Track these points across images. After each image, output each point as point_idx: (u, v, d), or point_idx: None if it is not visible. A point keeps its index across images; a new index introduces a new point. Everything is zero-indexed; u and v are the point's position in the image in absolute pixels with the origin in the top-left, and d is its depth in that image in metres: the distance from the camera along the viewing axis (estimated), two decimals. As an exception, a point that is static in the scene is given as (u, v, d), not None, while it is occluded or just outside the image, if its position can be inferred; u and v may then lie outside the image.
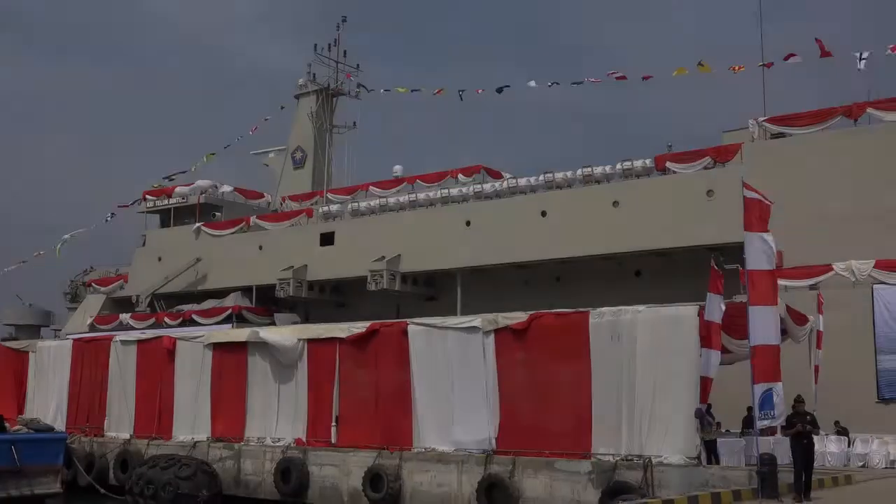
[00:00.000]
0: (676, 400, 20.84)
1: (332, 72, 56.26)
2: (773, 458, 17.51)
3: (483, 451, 23.16)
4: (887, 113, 31.86)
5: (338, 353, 26.90)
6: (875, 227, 30.31)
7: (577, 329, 22.68)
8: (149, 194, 56.18)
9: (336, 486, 25.27)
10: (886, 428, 26.66)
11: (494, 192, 41.43)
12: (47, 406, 33.82)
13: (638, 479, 20.14)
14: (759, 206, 19.56)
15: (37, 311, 66.27)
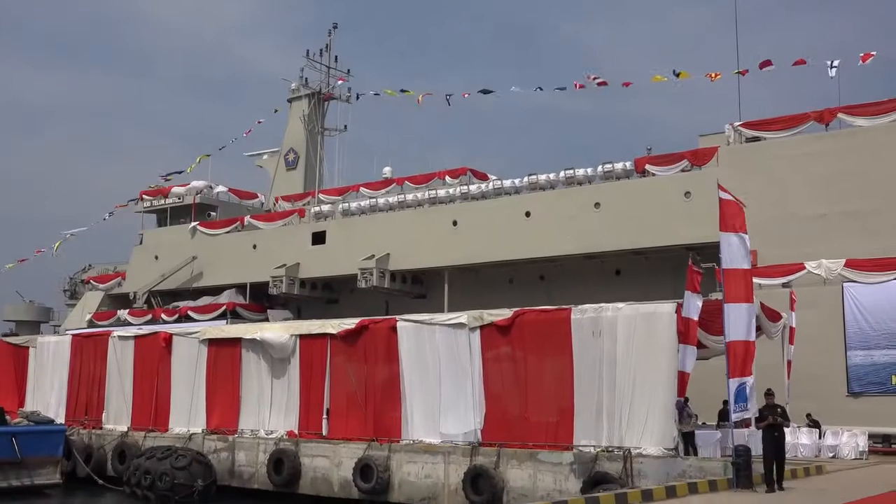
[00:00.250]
0: (654, 394, 20.91)
1: (324, 76, 56.30)
2: (747, 450, 17.58)
3: (469, 443, 23.16)
4: (857, 118, 32.06)
5: (329, 348, 26.88)
6: (845, 228, 30.51)
7: (559, 325, 22.71)
8: (146, 194, 56.07)
9: (327, 477, 25.24)
10: (856, 420, 26.82)
11: (480, 194, 41.48)
12: (47, 399, 33.70)
13: (618, 469, 20.21)
14: (734, 207, 19.65)
15: (37, 308, 66.15)
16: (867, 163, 30.99)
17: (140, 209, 56.22)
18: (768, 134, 33.82)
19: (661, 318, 21.18)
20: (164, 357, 30.54)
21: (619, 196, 36.43)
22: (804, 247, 30.42)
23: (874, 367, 28.70)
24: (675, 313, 20.85)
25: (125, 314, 49.28)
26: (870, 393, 28.61)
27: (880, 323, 28.70)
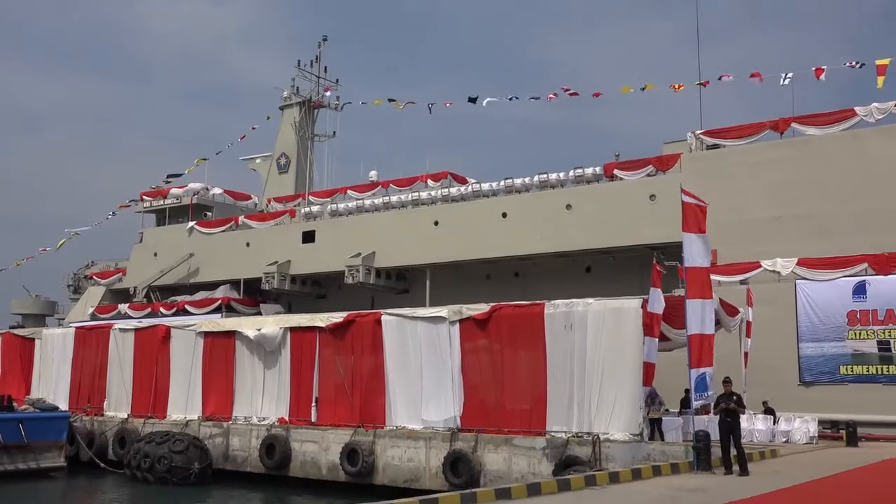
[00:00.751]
0: (621, 383, 21.03)
1: (314, 86, 56.14)
2: (707, 435, 17.69)
3: (449, 429, 23.21)
4: (809, 128, 32.24)
5: (318, 340, 26.85)
6: (798, 229, 30.71)
7: (533, 319, 22.79)
8: (146, 195, 55.75)
9: (316, 461, 25.20)
10: (807, 408, 27.01)
11: (460, 196, 41.48)
12: (52, 388, 33.50)
13: (587, 453, 20.31)
14: (696, 209, 19.76)
15: (42, 302, 65.63)
16: (819, 169, 31.19)
17: (140, 209, 55.86)
18: (727, 142, 33.98)
19: (628, 313, 21.31)
20: (163, 348, 30.44)
21: (589, 199, 36.50)
22: (760, 247, 30.60)
23: (824, 358, 28.90)
24: (640, 308, 20.98)
25: (126, 308, 48.93)
26: (820, 382, 28.82)
27: (829, 317, 28.92)
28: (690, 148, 34.73)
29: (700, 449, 17.41)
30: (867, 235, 29.39)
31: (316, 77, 56.06)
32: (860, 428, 25.52)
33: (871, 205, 29.99)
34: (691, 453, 17.74)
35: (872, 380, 28.12)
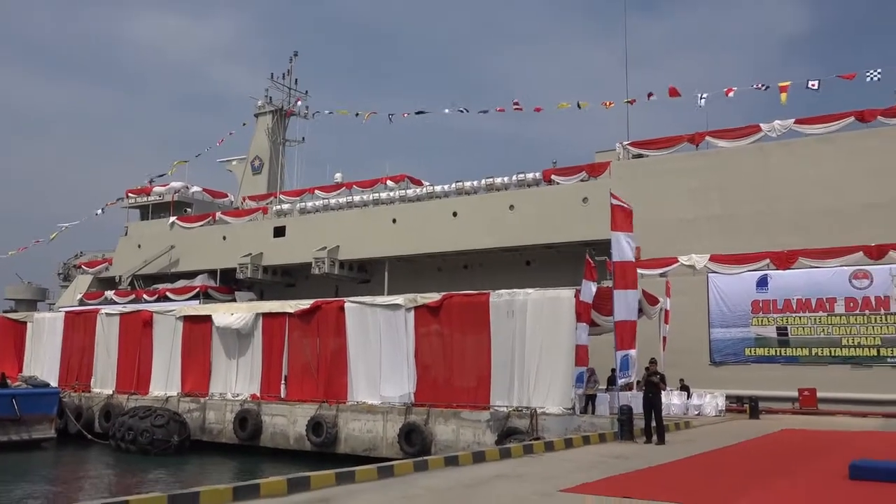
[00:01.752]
0: (556, 363, 21.18)
1: (286, 96, 55.62)
2: (629, 409, 17.88)
3: (404, 404, 23.18)
4: (720, 140, 32.77)
5: (287, 324, 26.58)
6: (709, 229, 31.23)
7: (480, 307, 22.84)
8: (131, 192, 54.66)
9: (284, 432, 24.99)
10: (716, 385, 27.52)
11: (416, 196, 41.44)
12: (43, 366, 32.68)
13: (526, 425, 20.44)
14: (623, 211, 19.97)
15: (34, 288, 64.07)
16: (728, 177, 31.72)
17: (126, 205, 54.87)
18: (651, 152, 34.38)
19: (563, 302, 21.46)
20: (146, 331, 29.88)
21: (530, 200, 36.70)
22: (677, 244, 31.05)
23: (731, 342, 29.46)
24: (573, 298, 21.12)
25: (112, 294, 47.97)
26: (728, 362, 29.38)
27: (736, 306, 29.48)
28: (619, 157, 35.08)
29: (624, 421, 17.59)
30: (769, 235, 30.01)
31: (287, 88, 55.61)
32: (761, 402, 26.04)
33: (772, 209, 30.62)
34: (617, 425, 17.92)
35: (772, 360, 28.75)
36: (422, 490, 10.39)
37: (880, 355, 27.16)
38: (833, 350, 27.83)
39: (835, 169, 29.97)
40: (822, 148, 30.56)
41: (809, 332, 28.26)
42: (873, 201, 29.01)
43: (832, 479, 11.57)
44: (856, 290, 27.68)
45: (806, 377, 27.52)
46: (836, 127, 30.70)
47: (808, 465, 13.45)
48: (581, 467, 12.80)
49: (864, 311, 27.49)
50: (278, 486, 10.20)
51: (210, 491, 9.48)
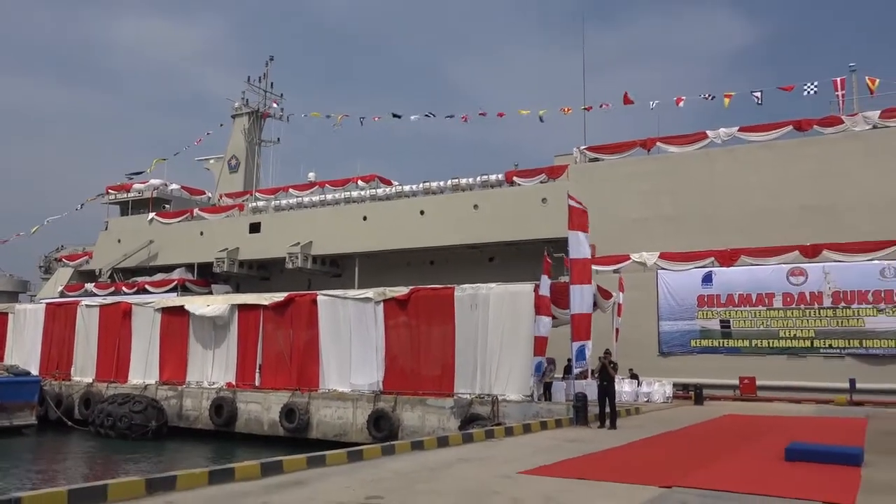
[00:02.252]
0: (516, 353, 21.26)
1: (261, 98, 54.99)
2: (584, 396, 18.03)
3: (373, 392, 23.12)
4: (671, 146, 33.14)
5: (262, 316, 26.35)
6: (659, 228, 31.58)
7: (445, 300, 22.85)
8: (111, 189, 53.60)
9: (258, 419, 24.78)
10: (664, 373, 27.90)
11: (385, 195, 41.29)
12: (24, 356, 31.93)
13: (487, 411, 20.50)
14: (579, 211, 20.12)
15: (16, 280, 62.44)
16: (677, 181, 32.10)
17: (106, 201, 53.81)
18: (606, 156, 34.63)
19: (523, 296, 21.55)
20: (125, 322, 29.38)
21: (493, 200, 36.79)
22: (630, 242, 31.36)
23: (678, 334, 29.87)
24: (533, 292, 21.22)
25: (92, 287, 47.01)
26: (675, 353, 29.79)
27: (683, 300, 29.89)
28: (576, 160, 35.30)
29: (579, 408, 17.74)
30: (714, 235, 30.44)
31: (263, 91, 54.98)
32: (705, 390, 26.45)
33: (717, 210, 31.06)
34: (572, 411, 18.06)
35: (715, 351, 29.21)
36: (389, 473, 10.37)
37: (814, 346, 27.74)
38: (771, 341, 28.36)
39: (774, 174, 30.48)
40: (763, 154, 31.07)
41: (750, 325, 28.76)
42: (809, 204, 29.58)
43: (770, 460, 11.80)
44: (792, 287, 28.23)
45: (746, 366, 28.03)
46: (775, 135, 31.22)
47: (747, 447, 13.70)
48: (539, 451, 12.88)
49: (800, 305, 28.04)
50: (252, 470, 10.12)
51: (186, 475, 9.36)
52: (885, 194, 28.53)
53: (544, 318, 20.67)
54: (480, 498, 8.48)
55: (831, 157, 29.83)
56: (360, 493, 8.76)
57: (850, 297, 27.33)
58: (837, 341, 27.36)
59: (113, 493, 8.30)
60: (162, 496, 8.55)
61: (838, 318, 27.41)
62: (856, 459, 11.40)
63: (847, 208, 28.98)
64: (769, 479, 9.97)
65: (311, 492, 8.91)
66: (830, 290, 27.59)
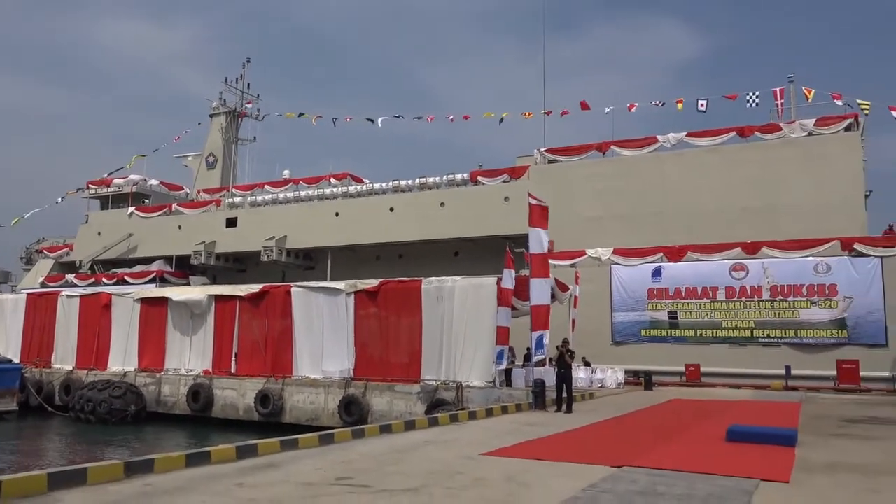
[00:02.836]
0: (479, 342, 21.29)
1: (239, 99, 54.23)
2: (542, 382, 18.14)
3: (344, 379, 22.98)
4: (624, 149, 33.54)
5: (238, 307, 26.00)
6: (613, 226, 31.96)
7: (413, 292, 22.79)
8: (91, 183, 52.44)
9: (234, 404, 24.48)
10: (616, 361, 28.22)
11: (357, 193, 41.08)
12: (6, 344, 31.09)
13: (452, 397, 20.50)
14: (539, 209, 20.21)
15: (-3, 271, 60.77)
16: (629, 182, 32.51)
17: (87, 195, 52.64)
18: (564, 158, 34.92)
19: (486, 288, 21.59)
20: (105, 312, 28.76)
21: (458, 198, 36.84)
22: (586, 239, 31.66)
23: (630, 324, 30.23)
24: (496, 285, 21.27)
25: (72, 278, 45.95)
26: (627, 342, 30.14)
27: (634, 293, 30.25)
28: (536, 161, 35.52)
29: (538, 393, 17.84)
30: (663, 232, 30.89)
31: (241, 92, 54.26)
32: (654, 376, 26.83)
33: (666, 209, 31.52)
34: (531, 396, 18.17)
35: (663, 340, 29.63)
36: (359, 455, 10.33)
37: (753, 336, 28.29)
38: (715, 331, 28.85)
39: (719, 176, 31.01)
40: (709, 158, 31.58)
41: (695, 316, 29.22)
42: (750, 205, 30.17)
43: (712, 441, 12.01)
44: (734, 281, 28.74)
45: (692, 354, 28.48)
46: (720, 140, 31.77)
47: (692, 429, 13.92)
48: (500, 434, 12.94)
49: (741, 298, 28.57)
50: (228, 453, 9.99)
51: (164, 458, 9.21)
52: (819, 196, 29.23)
53: (506, 309, 20.77)
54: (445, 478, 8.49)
55: (770, 161, 30.44)
56: (331, 475, 8.71)
57: (786, 290, 27.92)
58: (774, 331, 27.94)
59: (92, 476, 8.13)
60: (140, 479, 8.40)
61: (775, 310, 27.98)
62: (790, 440, 11.66)
63: (784, 209, 29.62)
64: (712, 459, 10.15)
65: (284, 474, 8.83)
66: (769, 285, 28.14)
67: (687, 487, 8.04)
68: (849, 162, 29.26)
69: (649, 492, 7.78)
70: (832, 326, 27.12)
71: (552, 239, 25.98)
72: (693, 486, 8.15)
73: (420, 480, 8.33)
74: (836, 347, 26.83)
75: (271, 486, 7.98)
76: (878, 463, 10.14)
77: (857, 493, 8.01)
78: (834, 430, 14.21)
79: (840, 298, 27.07)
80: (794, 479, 8.72)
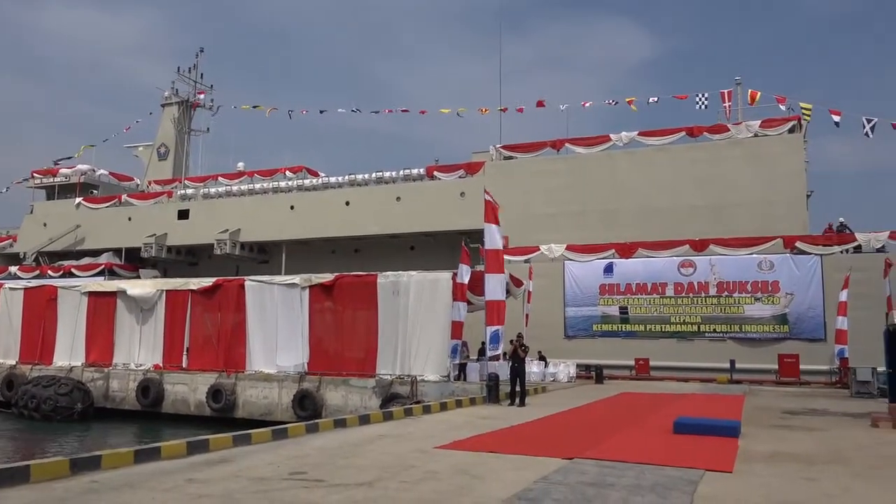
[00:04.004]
0: (434, 337, 21.38)
1: (191, 89, 52.98)
2: (496, 376, 18.22)
3: (298, 373, 22.80)
4: (577, 147, 33.90)
5: (190, 300, 25.53)
6: (566, 223, 32.30)
7: (368, 287, 22.73)
8: (36, 173, 50.64)
9: (185, 399, 24.04)
10: (569, 355, 28.55)
11: (312, 186, 40.66)
12: (-56, 339, 29.84)
13: (407, 391, 20.55)
14: (494, 206, 20.28)
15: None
16: (583, 179, 32.88)
17: (32, 185, 50.81)
18: (519, 154, 35.12)
19: (441, 283, 21.67)
20: (50, 305, 27.88)
21: (415, 193, 36.76)
22: (540, 235, 31.93)
23: (582, 319, 30.62)
24: (451, 279, 21.35)
25: (16, 270, 44.35)
26: (579, 336, 30.53)
27: (586, 288, 30.65)
28: (492, 158, 35.65)
29: (491, 387, 17.92)
30: (615, 229, 31.36)
31: (193, 82, 53.00)
32: (605, 370, 27.23)
33: (618, 206, 32.01)
34: (485, 390, 18.27)
35: (614, 335, 30.09)
36: (312, 450, 10.25)
37: (700, 331, 28.98)
38: (663, 326, 29.44)
39: (669, 175, 31.62)
40: (660, 157, 32.17)
41: (645, 311, 29.76)
42: (698, 203, 30.85)
43: (660, 433, 12.27)
44: (683, 277, 29.37)
45: (641, 349, 29.03)
46: (671, 139, 32.39)
47: (641, 421, 14.20)
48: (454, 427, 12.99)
49: (689, 294, 29.23)
50: (179, 449, 9.79)
51: (112, 454, 8.97)
52: (764, 195, 30.06)
53: (461, 303, 20.83)
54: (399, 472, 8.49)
55: (718, 161, 31.17)
56: (285, 469, 8.62)
57: (731, 286, 28.65)
58: (720, 326, 28.65)
59: (36, 473, 7.87)
60: (87, 475, 8.17)
61: (721, 305, 28.70)
62: (734, 431, 11.99)
63: (731, 207, 30.38)
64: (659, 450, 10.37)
65: (236, 468, 8.70)
66: (715, 281, 28.84)
67: (635, 478, 8.21)
68: (792, 163, 30.16)
69: (599, 483, 7.91)
70: (774, 322, 27.96)
71: (507, 235, 26.16)
72: (641, 476, 8.32)
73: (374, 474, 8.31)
74: (778, 342, 27.68)
75: (223, 482, 7.86)
76: (815, 453, 10.52)
77: (795, 481, 8.30)
78: (775, 421, 14.68)
79: (782, 295, 27.92)
80: (737, 468, 8.97)
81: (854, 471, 9.07)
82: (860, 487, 8.01)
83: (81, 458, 8.65)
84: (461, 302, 20.81)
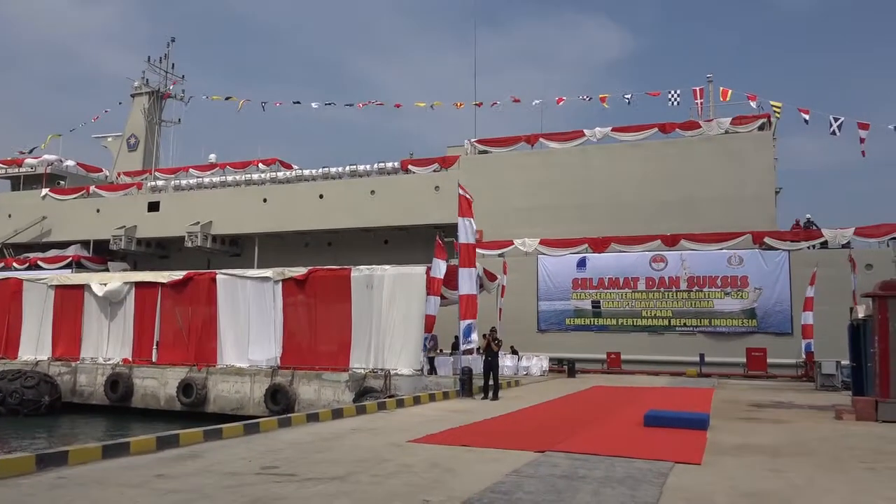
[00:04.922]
0: (408, 331, 21.34)
1: (162, 79, 52.14)
2: (470, 370, 18.32)
3: (270, 367, 22.62)
4: (552, 142, 34.07)
5: (160, 293, 25.16)
6: (540, 217, 32.48)
7: (342, 280, 22.61)
8: (1, 163, 49.44)
9: (155, 394, 23.74)
10: (542, 349, 28.80)
11: (286, 179, 40.30)
12: None
13: (380, 385, 20.50)
14: (468, 200, 20.32)
15: None
16: (557, 174, 33.08)
17: (-6, 175, 49.65)
18: (494, 149, 35.20)
19: (415, 277, 21.63)
20: (15, 298, 27.27)
21: (389, 187, 36.66)
22: (514, 229, 32.09)
23: (555, 313, 30.87)
24: (425, 274, 21.33)
25: (-21, 262, 43.36)
26: (552, 330, 30.78)
27: (560, 283, 30.89)
28: (467, 152, 35.68)
29: (465, 381, 18.01)
30: (588, 224, 31.61)
31: (164, 72, 52.13)
32: (577, 364, 27.48)
33: (591, 201, 32.25)
34: (458, 384, 18.33)
35: (587, 329, 30.39)
36: (285, 444, 10.20)
37: (671, 325, 29.37)
38: (635, 320, 29.78)
39: (641, 170, 31.94)
40: (632, 152, 32.47)
41: (617, 305, 30.08)
42: (669, 199, 31.21)
43: (630, 426, 12.42)
44: (654, 272, 29.72)
45: (613, 342, 29.33)
46: (643, 135, 32.70)
47: (612, 415, 14.36)
48: (427, 421, 13.01)
49: (660, 288, 29.59)
50: (148, 444, 9.68)
51: (79, 450, 8.84)
52: (733, 191, 30.51)
53: (434, 297, 20.84)
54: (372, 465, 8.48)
55: (689, 157, 31.56)
56: (256, 464, 8.57)
57: (702, 281, 29.07)
58: (690, 320, 29.07)
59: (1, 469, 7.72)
60: (54, 471, 8.04)
61: (692, 299, 29.11)
62: (703, 424, 12.19)
63: (701, 202, 30.79)
64: (630, 443, 10.50)
65: (207, 463, 8.63)
66: (686, 275, 29.22)
67: (606, 470, 8.31)
68: (761, 159, 30.64)
69: (571, 475, 7.99)
70: (743, 316, 28.43)
71: (481, 229, 26.21)
72: (612, 468, 8.42)
73: (347, 468, 8.29)
74: (747, 336, 28.16)
75: (193, 477, 7.79)
76: (781, 445, 10.74)
77: (762, 472, 8.47)
78: (743, 414, 14.94)
79: (751, 289, 28.39)
80: (705, 460, 9.12)
81: (818, 462, 9.28)
82: (824, 478, 8.20)
83: (48, 453, 8.50)
84: (435, 296, 20.80)
